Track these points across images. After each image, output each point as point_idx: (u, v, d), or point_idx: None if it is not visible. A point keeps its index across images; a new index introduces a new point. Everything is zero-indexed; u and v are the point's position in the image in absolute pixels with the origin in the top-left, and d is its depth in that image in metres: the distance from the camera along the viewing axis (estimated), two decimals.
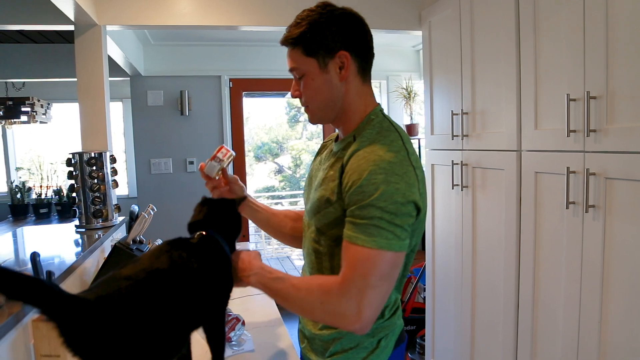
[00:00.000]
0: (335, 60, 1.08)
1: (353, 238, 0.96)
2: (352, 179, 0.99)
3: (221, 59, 4.14)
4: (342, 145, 1.12)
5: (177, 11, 2.60)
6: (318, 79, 1.09)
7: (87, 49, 2.46)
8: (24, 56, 3.91)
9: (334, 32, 1.07)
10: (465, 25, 2.25)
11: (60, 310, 0.77)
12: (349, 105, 1.12)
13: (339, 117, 1.14)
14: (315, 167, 1.25)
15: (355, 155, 1.03)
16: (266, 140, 9.11)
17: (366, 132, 1.08)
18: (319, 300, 0.98)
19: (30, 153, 5.07)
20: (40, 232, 2.85)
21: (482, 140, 2.18)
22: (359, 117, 1.13)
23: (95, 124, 2.47)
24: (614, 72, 1.45)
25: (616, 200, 1.47)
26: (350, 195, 0.99)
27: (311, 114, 1.15)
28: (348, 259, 0.97)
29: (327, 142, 1.30)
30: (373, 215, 0.95)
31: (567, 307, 1.68)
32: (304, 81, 1.10)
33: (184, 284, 0.95)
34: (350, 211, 0.99)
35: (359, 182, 0.97)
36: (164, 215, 3.95)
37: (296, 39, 1.08)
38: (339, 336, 1.12)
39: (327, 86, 1.10)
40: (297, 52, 1.09)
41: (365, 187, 0.96)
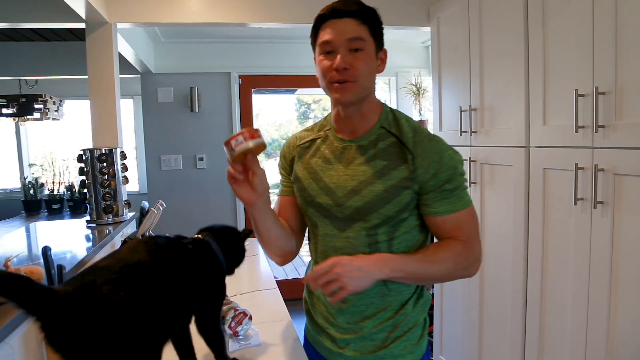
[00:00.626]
0: (381, 53, 1.16)
1: (452, 208, 1.12)
2: (433, 160, 1.10)
3: (231, 56, 4.16)
4: (374, 138, 1.17)
5: (186, 9, 2.62)
6: (373, 60, 1.13)
7: (98, 46, 2.49)
8: (37, 54, 3.96)
9: (382, 32, 1.17)
10: (474, 21, 2.24)
11: (36, 304, 0.76)
12: (372, 97, 1.19)
13: (363, 103, 1.16)
14: (321, 167, 1.21)
15: (418, 141, 1.13)
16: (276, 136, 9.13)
17: (401, 122, 1.17)
18: (453, 266, 1.13)
19: (43, 149, 5.13)
20: (53, 228, 2.89)
21: (490, 137, 2.17)
22: (377, 109, 1.20)
23: (105, 121, 2.50)
24: (623, 67, 1.44)
25: (625, 197, 1.46)
26: (438, 175, 1.10)
27: (355, 89, 1.11)
28: (456, 225, 1.13)
29: (306, 143, 1.27)
30: (460, 182, 1.13)
31: (575, 303, 1.68)
32: (360, 55, 1.09)
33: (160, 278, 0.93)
34: (441, 190, 1.11)
35: (444, 161, 1.11)
36: (174, 211, 3.99)
37: (368, 17, 1.11)
38: (401, 319, 1.19)
39: (374, 71, 1.15)
40: (365, 28, 1.10)
41: (449, 163, 1.11)
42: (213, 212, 4.19)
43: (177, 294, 0.96)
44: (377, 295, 1.17)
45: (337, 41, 1.09)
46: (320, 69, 1.13)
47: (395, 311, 1.18)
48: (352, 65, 1.08)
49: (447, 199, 1.12)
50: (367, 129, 1.18)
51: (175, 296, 0.95)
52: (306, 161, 1.25)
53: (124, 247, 0.99)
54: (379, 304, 1.18)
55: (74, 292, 0.81)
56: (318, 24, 1.14)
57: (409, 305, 1.19)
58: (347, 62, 1.08)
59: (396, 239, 1.16)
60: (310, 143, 1.27)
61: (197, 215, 4.15)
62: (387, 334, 1.18)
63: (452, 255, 1.12)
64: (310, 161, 1.24)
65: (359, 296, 1.16)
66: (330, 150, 1.22)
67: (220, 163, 4.20)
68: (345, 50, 1.09)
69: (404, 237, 1.17)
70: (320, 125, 1.29)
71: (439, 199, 1.12)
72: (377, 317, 1.18)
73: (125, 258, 0.92)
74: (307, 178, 1.23)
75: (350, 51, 1.09)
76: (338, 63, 1.08)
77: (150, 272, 0.92)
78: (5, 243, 2.17)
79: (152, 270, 0.93)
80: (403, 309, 1.19)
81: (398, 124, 1.17)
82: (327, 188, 1.18)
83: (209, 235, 1.15)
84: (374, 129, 1.17)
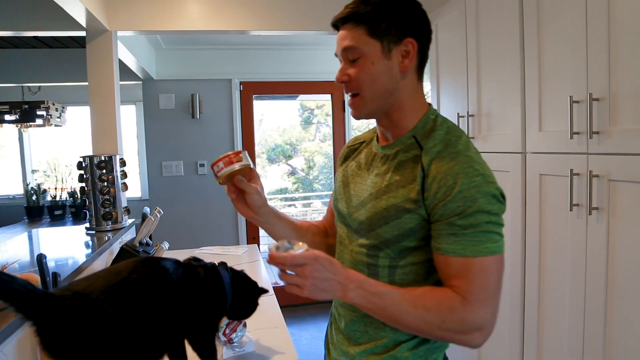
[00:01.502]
0: (401, 47, 0.97)
1: (460, 250, 0.89)
2: (445, 184, 0.89)
3: (231, 63, 4.19)
4: (400, 148, 1.01)
5: (187, 16, 2.64)
6: (378, 63, 0.97)
7: (98, 54, 2.51)
8: (40, 61, 4.00)
9: (404, 16, 0.98)
10: (471, 27, 2.25)
11: (33, 308, 0.77)
12: (403, 101, 1.01)
13: (388, 113, 1.02)
14: (353, 173, 1.12)
15: (438, 158, 0.93)
16: (280, 142, 9.13)
17: (436, 134, 0.98)
18: (436, 321, 0.89)
19: (45, 156, 5.17)
20: (54, 234, 2.91)
21: (487, 142, 2.18)
22: (415, 116, 1.02)
23: (105, 128, 2.52)
24: (617, 73, 1.45)
25: (619, 202, 1.46)
26: (447, 203, 0.89)
27: (362, 104, 1.00)
28: (459, 273, 0.89)
29: (356, 145, 1.19)
30: (480, 221, 0.88)
31: (572, 308, 1.67)
32: (359, 64, 0.97)
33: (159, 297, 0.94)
34: (448, 223, 0.89)
35: (458, 188, 0.88)
36: (175, 217, 4.01)
37: (363, 15, 0.96)
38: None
39: (386, 74, 0.98)
40: (360, 31, 0.96)
41: (465, 192, 0.88)
42: (214, 218, 4.21)
43: (173, 315, 0.96)
44: (372, 326, 1.02)
45: (338, 53, 1.01)
46: None
47: (386, 350, 1.01)
48: (351, 76, 0.99)
49: (455, 237, 0.89)
50: (398, 137, 1.03)
51: (171, 316, 0.96)
52: (346, 164, 1.18)
53: (129, 262, 0.99)
54: (373, 335, 1.02)
55: (68, 299, 0.82)
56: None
57: (403, 348, 1.00)
58: (344, 74, 1.00)
59: (399, 268, 0.99)
60: (358, 145, 1.18)
61: (198, 222, 4.17)
62: None
63: (441, 308, 0.89)
64: (349, 164, 1.16)
65: (356, 319, 1.05)
66: (365, 155, 1.12)
67: None
68: (345, 61, 1.00)
69: (410, 270, 0.99)
70: (374, 129, 1.16)
71: (445, 234, 0.90)
72: (366, 350, 1.03)
73: (124, 272, 0.93)
74: (339, 181, 1.16)
75: (350, 61, 0.99)
76: (336, 76, 1.01)
77: (148, 290, 0.93)
78: (7, 249, 2.18)
79: (151, 289, 0.93)
80: (394, 351, 1.00)
81: (432, 134, 0.98)
82: (348, 194, 1.10)
83: (224, 267, 1.16)
84: (403, 138, 1.02)
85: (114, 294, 0.86)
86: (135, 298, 0.89)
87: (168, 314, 0.95)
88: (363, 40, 0.96)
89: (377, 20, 0.96)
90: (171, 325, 0.96)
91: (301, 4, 2.74)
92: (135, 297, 0.89)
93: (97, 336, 0.82)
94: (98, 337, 0.82)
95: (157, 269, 0.99)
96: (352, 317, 1.05)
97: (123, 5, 2.53)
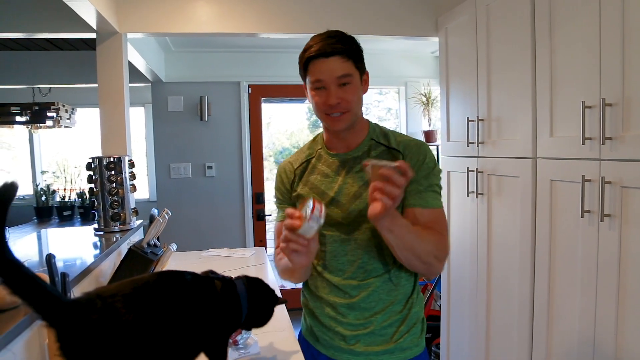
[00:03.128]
0: (365, 76, 1.30)
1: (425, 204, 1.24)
2: (419, 156, 1.26)
3: (240, 65, 4.19)
4: (366, 149, 1.31)
5: (196, 19, 2.65)
6: (359, 88, 1.27)
7: (108, 56, 2.52)
8: (51, 63, 4.02)
9: (362, 55, 1.28)
10: (481, 31, 2.24)
11: (56, 316, 0.78)
12: (360, 115, 1.33)
13: (354, 124, 1.30)
14: (322, 182, 1.32)
15: (404, 144, 1.29)
16: (287, 145, 9.14)
17: (389, 134, 1.33)
18: (433, 249, 1.19)
19: (55, 157, 5.21)
20: (62, 234, 2.92)
21: (497, 148, 2.16)
22: (365, 125, 1.35)
23: (114, 129, 2.53)
24: (630, 78, 1.43)
25: (632, 209, 1.44)
26: (418, 170, 1.23)
27: (349, 118, 1.26)
28: (430, 219, 1.23)
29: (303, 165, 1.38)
30: (433, 182, 1.26)
31: (582, 317, 1.65)
32: (349, 88, 1.23)
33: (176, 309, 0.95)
34: (417, 183, 1.23)
35: (426, 160, 1.26)
36: (182, 219, 4.02)
37: (351, 52, 1.22)
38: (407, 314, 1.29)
39: (360, 96, 1.29)
40: (350, 63, 1.22)
41: (429, 163, 1.26)
42: (222, 220, 4.21)
43: (191, 327, 0.97)
44: (384, 291, 1.27)
45: (328, 79, 1.21)
46: (314, 103, 1.26)
47: (403, 305, 1.29)
48: (343, 99, 1.22)
49: (420, 194, 1.24)
50: (359, 142, 1.32)
51: (189, 329, 0.96)
52: (306, 180, 1.36)
53: (153, 273, 1.01)
54: (387, 299, 1.27)
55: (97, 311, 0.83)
56: (307, 63, 1.24)
57: (412, 300, 1.31)
58: (339, 97, 1.22)
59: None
60: (306, 164, 1.38)
61: (206, 224, 4.17)
62: (396, 328, 1.28)
63: (435, 239, 1.21)
64: (309, 179, 1.35)
65: (368, 293, 1.27)
66: (326, 166, 1.34)
67: (229, 172, 4.22)
68: (335, 86, 1.21)
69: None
70: (310, 147, 1.42)
71: (414, 192, 1.23)
72: (386, 311, 1.27)
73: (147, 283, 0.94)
74: (310, 194, 1.32)
75: (340, 86, 1.21)
76: (332, 100, 1.21)
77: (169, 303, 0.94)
78: (17, 249, 2.18)
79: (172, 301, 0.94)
80: (408, 303, 1.30)
81: (386, 135, 1.33)
82: (331, 200, 1.29)
83: (241, 280, 1.15)
84: (365, 141, 1.32)
85: (138, 306, 0.87)
86: (157, 310, 0.90)
87: (186, 327, 0.95)
88: (353, 70, 1.23)
89: (358, 56, 1.25)
90: (189, 338, 0.96)
91: (310, 7, 2.74)
92: (156, 309, 0.90)
93: (118, 347, 0.82)
94: (119, 348, 0.82)
95: (178, 281, 0.99)
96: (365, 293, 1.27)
97: (133, 8, 2.54)
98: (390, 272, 1.28)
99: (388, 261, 1.28)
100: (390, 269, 1.28)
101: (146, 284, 0.94)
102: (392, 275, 1.28)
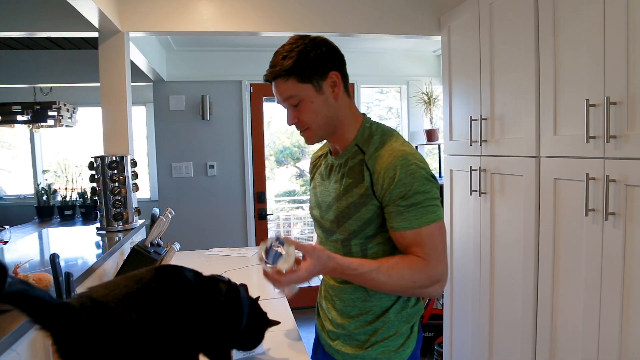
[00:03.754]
0: (328, 80, 1.19)
1: (408, 225, 1.12)
2: (387, 176, 1.13)
3: (242, 64, 4.19)
4: (348, 156, 1.24)
5: (198, 18, 2.64)
6: (316, 101, 1.18)
7: (110, 54, 2.52)
8: (52, 62, 4.02)
9: (322, 56, 1.18)
10: (484, 30, 2.23)
11: (49, 318, 0.77)
12: (343, 118, 1.24)
13: (334, 132, 1.24)
14: (319, 183, 1.35)
15: (378, 157, 1.17)
16: (288, 144, 9.15)
17: (374, 139, 1.22)
18: (411, 281, 1.12)
19: (56, 156, 5.20)
20: (64, 234, 2.92)
21: (500, 146, 2.16)
22: (354, 127, 1.26)
23: (117, 128, 2.53)
24: (635, 77, 1.42)
25: (637, 208, 1.43)
26: (391, 191, 1.13)
27: (312, 134, 1.23)
28: (414, 242, 1.13)
29: (316, 160, 1.44)
30: (419, 200, 1.12)
31: (586, 315, 1.65)
32: (301, 107, 1.18)
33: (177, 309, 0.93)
34: (395, 205, 1.13)
35: (397, 177, 1.12)
36: (184, 219, 4.02)
37: (289, 69, 1.15)
38: (380, 325, 1.23)
39: (325, 106, 1.19)
40: (292, 81, 1.16)
41: (404, 180, 1.12)
42: (223, 219, 4.21)
43: (192, 327, 0.95)
44: (359, 300, 1.25)
45: (279, 101, 1.21)
46: None
47: (377, 317, 1.24)
48: (298, 119, 1.20)
49: (402, 215, 1.13)
50: (344, 148, 1.27)
51: (189, 328, 0.94)
52: (313, 176, 1.42)
53: (149, 269, 0.97)
54: (361, 307, 1.25)
55: (86, 309, 0.82)
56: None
57: (390, 314, 1.24)
58: (293, 118, 1.20)
59: (369, 250, 1.22)
60: (317, 160, 1.43)
61: (207, 223, 4.17)
62: (368, 337, 1.25)
63: (411, 271, 1.12)
64: (315, 176, 1.40)
65: (345, 297, 1.27)
66: (324, 167, 1.35)
67: (231, 171, 4.21)
68: (288, 107, 1.20)
69: (378, 249, 1.22)
70: (327, 143, 1.40)
71: (394, 214, 1.14)
72: (359, 319, 1.26)
73: (144, 280, 0.92)
74: (311, 192, 1.39)
75: (293, 106, 1.19)
76: (288, 121, 1.21)
77: (168, 300, 0.92)
78: (18, 248, 2.19)
79: (171, 299, 0.92)
80: (383, 316, 1.24)
81: (369, 140, 1.22)
82: (318, 202, 1.33)
83: (245, 289, 1.17)
84: (349, 147, 1.25)
85: (133, 303, 0.85)
86: (155, 308, 0.88)
87: (186, 326, 0.93)
88: (297, 88, 1.16)
89: (301, 69, 1.15)
90: (189, 338, 0.94)
91: (312, 5, 2.74)
92: (154, 307, 0.88)
93: (114, 346, 0.81)
94: (115, 347, 0.81)
95: (178, 278, 0.97)
96: (342, 295, 1.27)
97: (135, 6, 2.54)
98: None
99: None
100: None
101: (140, 281, 0.91)
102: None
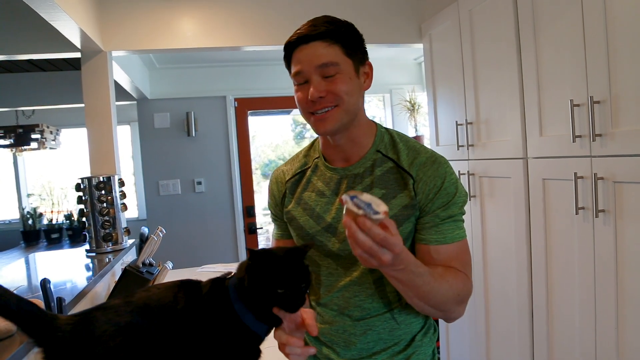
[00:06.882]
0: (365, 67, 1.06)
1: (442, 240, 1.02)
2: (434, 184, 1.02)
3: (226, 80, 4.19)
4: (370, 164, 1.07)
5: (180, 34, 2.64)
6: (353, 80, 1.02)
7: (94, 74, 2.50)
8: (33, 84, 3.99)
9: (362, 41, 1.05)
10: (466, 35, 2.26)
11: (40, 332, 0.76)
12: (360, 119, 1.07)
13: (349, 130, 1.06)
14: (317, 202, 1.10)
15: (420, 163, 1.04)
16: (273, 157, 9.14)
17: (400, 146, 1.08)
18: (456, 293, 0.99)
19: (41, 179, 5.13)
20: (52, 258, 2.87)
21: (487, 150, 2.18)
22: (370, 133, 1.09)
23: (103, 148, 2.50)
24: (617, 75, 1.45)
25: (626, 204, 1.45)
26: (435, 200, 1.02)
27: (338, 115, 1.00)
28: (451, 256, 1.02)
29: (296, 177, 1.17)
30: (455, 212, 1.03)
31: (582, 313, 1.66)
32: (338, 79, 0.99)
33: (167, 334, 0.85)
34: (433, 215, 1.02)
35: (444, 185, 1.02)
36: (174, 236, 3.97)
37: (339, 35, 0.99)
38: (412, 352, 1.09)
39: (357, 92, 1.03)
40: (336, 49, 0.99)
41: (449, 189, 1.02)
42: (213, 236, 4.17)
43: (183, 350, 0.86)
44: (386, 331, 1.08)
45: (308, 70, 0.99)
46: (296, 101, 1.04)
47: (407, 344, 1.09)
48: (329, 91, 0.99)
49: (437, 228, 1.02)
50: (361, 155, 1.08)
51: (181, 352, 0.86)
52: (298, 196, 1.14)
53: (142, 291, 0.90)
54: (389, 339, 1.08)
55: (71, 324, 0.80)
56: (288, 53, 1.04)
57: (419, 337, 1.10)
58: (322, 90, 0.98)
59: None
60: (300, 176, 1.16)
61: (197, 240, 4.13)
62: None
63: (457, 283, 0.99)
64: (302, 196, 1.13)
65: (366, 334, 1.07)
66: (322, 181, 1.12)
67: (219, 187, 4.19)
68: (318, 78, 0.99)
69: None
70: (306, 154, 1.19)
71: (429, 226, 1.02)
72: (387, 352, 1.08)
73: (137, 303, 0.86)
74: (303, 215, 1.11)
75: (324, 78, 0.99)
76: (312, 93, 0.98)
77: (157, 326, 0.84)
78: (4, 275, 2.14)
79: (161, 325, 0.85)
80: (414, 342, 1.10)
81: (396, 146, 1.07)
82: (327, 225, 1.08)
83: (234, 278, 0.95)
84: (369, 154, 1.08)
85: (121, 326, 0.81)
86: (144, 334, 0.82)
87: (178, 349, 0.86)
88: (341, 58, 0.99)
89: (349, 40, 1.01)
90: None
91: (293, 19, 2.75)
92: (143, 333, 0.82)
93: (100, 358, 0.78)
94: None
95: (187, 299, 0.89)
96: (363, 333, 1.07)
97: (117, 25, 2.53)
98: (393, 311, 1.08)
99: (391, 299, 1.08)
100: (393, 307, 1.08)
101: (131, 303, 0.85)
102: (396, 313, 1.08)
